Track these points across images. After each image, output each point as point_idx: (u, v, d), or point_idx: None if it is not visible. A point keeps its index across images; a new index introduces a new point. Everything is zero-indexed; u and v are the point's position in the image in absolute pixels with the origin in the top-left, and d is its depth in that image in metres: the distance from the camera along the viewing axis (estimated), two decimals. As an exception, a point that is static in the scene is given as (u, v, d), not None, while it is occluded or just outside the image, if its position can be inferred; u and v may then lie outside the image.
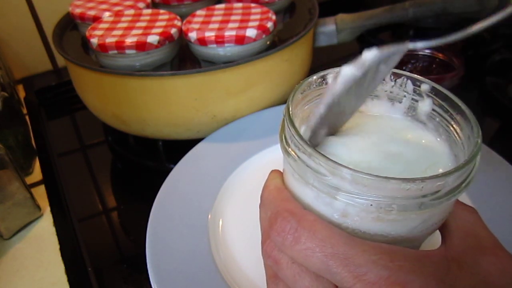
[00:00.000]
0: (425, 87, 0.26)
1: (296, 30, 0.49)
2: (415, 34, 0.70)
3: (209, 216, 0.37)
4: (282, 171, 0.27)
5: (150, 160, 0.51)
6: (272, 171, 0.27)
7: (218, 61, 0.45)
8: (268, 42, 0.46)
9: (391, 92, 0.28)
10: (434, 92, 0.26)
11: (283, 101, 0.48)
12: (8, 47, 0.65)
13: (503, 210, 0.35)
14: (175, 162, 0.42)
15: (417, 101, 0.27)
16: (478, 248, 0.21)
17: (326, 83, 0.27)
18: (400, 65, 0.53)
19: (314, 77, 0.26)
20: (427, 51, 0.55)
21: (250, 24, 0.44)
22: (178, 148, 0.45)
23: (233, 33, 0.43)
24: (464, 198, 0.36)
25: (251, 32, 0.43)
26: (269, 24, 0.45)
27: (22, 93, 0.64)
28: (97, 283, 0.37)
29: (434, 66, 0.54)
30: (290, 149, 0.23)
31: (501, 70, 0.60)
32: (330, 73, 0.27)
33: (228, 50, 0.44)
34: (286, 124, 0.23)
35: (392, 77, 0.27)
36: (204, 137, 0.45)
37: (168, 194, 0.38)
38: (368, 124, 0.28)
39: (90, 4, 0.52)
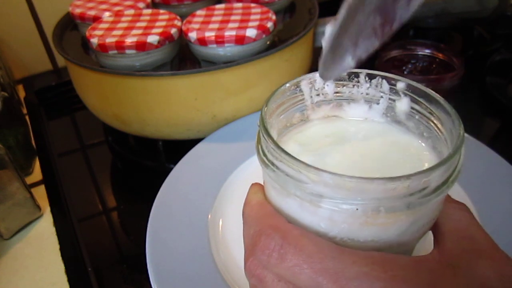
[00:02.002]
0: (400, 85, 0.25)
1: (296, 30, 0.49)
2: (415, 34, 0.70)
3: (209, 216, 0.37)
4: (263, 183, 0.25)
5: (150, 160, 0.51)
6: (253, 184, 0.26)
7: (218, 61, 0.45)
8: (268, 42, 0.46)
9: (367, 94, 0.27)
10: (410, 89, 0.25)
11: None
12: (8, 47, 0.65)
13: (503, 210, 0.35)
14: (175, 162, 0.42)
15: (394, 100, 0.26)
16: (473, 251, 0.20)
17: (300, 91, 0.26)
18: (400, 65, 0.53)
19: (287, 85, 0.25)
20: (427, 51, 0.55)
21: (250, 24, 0.44)
22: (178, 148, 0.45)
23: (233, 33, 0.43)
24: (464, 198, 0.36)
25: (251, 32, 0.43)
26: (269, 24, 0.45)
27: (22, 93, 0.64)
28: (97, 283, 0.37)
29: (434, 66, 0.54)
30: (267, 160, 0.22)
31: (501, 70, 0.60)
32: (303, 79, 0.26)
33: (228, 50, 0.44)
34: (262, 135, 0.22)
35: (367, 78, 0.26)
36: (204, 137, 0.45)
37: (168, 194, 0.38)
38: (347, 131, 0.27)
39: (90, 4, 0.52)
